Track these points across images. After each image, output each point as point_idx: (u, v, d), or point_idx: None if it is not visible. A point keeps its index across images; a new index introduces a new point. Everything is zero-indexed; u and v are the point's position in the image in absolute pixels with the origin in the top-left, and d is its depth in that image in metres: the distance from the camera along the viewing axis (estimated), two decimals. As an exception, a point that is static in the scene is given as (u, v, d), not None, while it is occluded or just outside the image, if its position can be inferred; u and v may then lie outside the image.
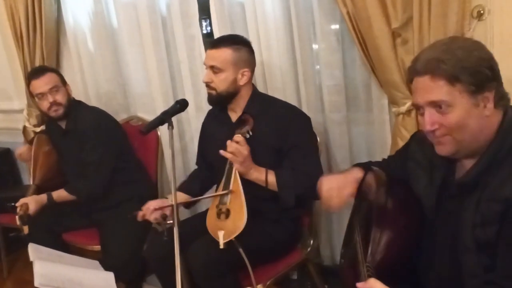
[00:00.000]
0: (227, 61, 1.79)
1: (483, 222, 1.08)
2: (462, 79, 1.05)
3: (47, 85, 2.22)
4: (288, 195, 1.76)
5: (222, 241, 1.61)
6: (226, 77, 1.80)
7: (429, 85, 1.09)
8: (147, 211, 1.84)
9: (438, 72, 1.07)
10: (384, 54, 1.76)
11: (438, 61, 1.07)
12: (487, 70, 1.06)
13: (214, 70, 1.81)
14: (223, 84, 1.81)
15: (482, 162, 1.11)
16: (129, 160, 2.40)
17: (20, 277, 2.81)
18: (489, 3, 1.65)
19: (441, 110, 1.09)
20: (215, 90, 1.83)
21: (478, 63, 1.06)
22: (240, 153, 1.72)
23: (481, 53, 1.08)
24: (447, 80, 1.06)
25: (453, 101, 1.07)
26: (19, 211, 2.09)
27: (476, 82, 1.06)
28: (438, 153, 1.16)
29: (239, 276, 1.71)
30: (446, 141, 1.12)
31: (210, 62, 1.82)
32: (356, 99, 2.11)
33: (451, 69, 1.05)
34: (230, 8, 2.23)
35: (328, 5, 1.98)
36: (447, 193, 1.21)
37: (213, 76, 1.81)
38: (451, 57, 1.06)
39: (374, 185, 1.34)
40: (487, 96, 1.07)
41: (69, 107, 2.28)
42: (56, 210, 2.23)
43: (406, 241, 1.24)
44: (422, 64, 1.10)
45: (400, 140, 1.81)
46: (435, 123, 1.10)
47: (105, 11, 2.62)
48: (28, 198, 2.17)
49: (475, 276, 1.11)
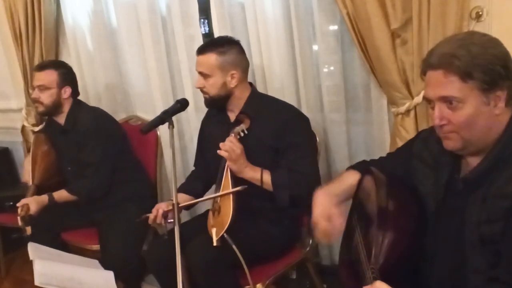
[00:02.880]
0: (213, 66, 1.79)
1: (489, 218, 1.08)
2: (474, 76, 1.05)
3: (38, 81, 2.25)
4: (283, 195, 1.76)
5: (214, 238, 1.63)
6: (215, 82, 1.81)
7: (441, 80, 1.08)
8: (158, 214, 1.84)
9: (451, 68, 1.06)
10: (383, 55, 1.77)
11: (452, 57, 1.06)
12: (501, 68, 1.05)
13: (203, 75, 1.82)
14: (214, 88, 1.82)
15: (488, 160, 1.11)
16: (128, 160, 2.40)
17: (18, 277, 2.80)
18: (487, 4, 1.66)
19: (452, 106, 1.08)
20: (208, 94, 1.85)
21: (492, 61, 1.05)
22: (234, 151, 1.73)
23: (496, 51, 1.06)
24: (459, 76, 1.06)
25: (464, 98, 1.06)
26: (21, 212, 2.09)
27: (489, 80, 1.05)
28: (445, 147, 1.16)
29: (238, 275, 1.72)
30: (452, 137, 1.12)
31: (198, 68, 1.83)
32: (355, 100, 2.11)
33: (464, 65, 1.05)
34: (230, 8, 2.23)
35: (327, 6, 1.99)
36: (453, 190, 1.21)
37: (204, 81, 1.83)
38: (466, 53, 1.05)
39: (372, 188, 1.33)
40: (499, 95, 1.07)
41: (55, 109, 2.28)
42: (55, 209, 2.22)
43: (409, 242, 1.23)
44: (436, 58, 1.09)
45: (399, 140, 1.82)
46: (444, 119, 1.10)
47: (105, 10, 2.62)
48: (29, 199, 2.17)
49: (479, 272, 1.11)
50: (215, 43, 1.83)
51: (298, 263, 1.97)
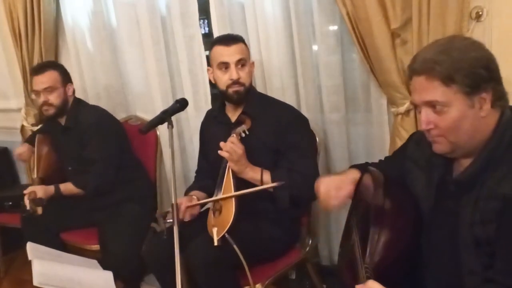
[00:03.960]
0: (246, 54, 1.84)
1: (482, 220, 1.08)
2: (456, 79, 1.06)
3: (43, 84, 2.22)
4: (283, 195, 1.76)
5: (215, 238, 1.63)
6: (250, 71, 1.85)
7: (425, 85, 1.10)
8: (181, 211, 1.77)
9: (433, 73, 1.08)
10: (383, 55, 1.77)
11: (434, 62, 1.07)
12: (483, 70, 1.06)
13: (242, 62, 1.81)
14: (248, 78, 1.84)
15: (478, 161, 1.12)
16: (129, 159, 2.40)
17: (17, 277, 2.79)
18: (487, 4, 1.66)
19: (437, 110, 1.10)
20: (244, 86, 1.82)
21: (473, 64, 1.06)
22: (235, 152, 1.73)
23: (477, 54, 1.07)
24: (441, 81, 1.07)
25: (448, 102, 1.08)
26: (29, 197, 2.07)
27: (471, 83, 1.06)
28: (434, 151, 1.17)
29: (238, 275, 1.71)
30: (440, 141, 1.14)
31: (238, 56, 1.80)
32: (355, 100, 2.11)
33: (445, 70, 1.06)
34: (230, 8, 2.23)
35: (327, 6, 1.99)
36: (445, 192, 1.22)
37: (241, 71, 1.81)
38: (447, 58, 1.06)
39: (372, 186, 1.34)
40: (484, 97, 1.08)
41: (63, 108, 2.27)
42: (54, 209, 2.22)
43: (405, 242, 1.23)
44: (418, 64, 1.11)
45: (398, 140, 1.82)
46: (431, 123, 1.12)
47: (104, 10, 2.62)
48: (36, 186, 2.15)
49: (474, 274, 1.11)
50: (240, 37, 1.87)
51: (297, 263, 1.97)
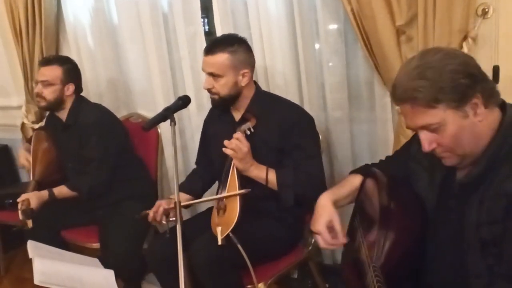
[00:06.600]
0: (225, 66, 1.76)
1: (488, 220, 1.07)
2: (442, 99, 1.04)
3: (42, 76, 2.24)
4: (288, 194, 1.76)
5: (220, 237, 1.61)
6: (227, 82, 1.78)
7: (412, 112, 1.09)
8: (158, 212, 1.82)
9: (416, 102, 1.07)
10: (388, 52, 1.76)
11: (413, 90, 1.06)
12: (465, 79, 1.04)
13: (213, 76, 1.79)
14: (224, 88, 1.79)
15: (483, 162, 1.11)
16: (130, 158, 2.39)
17: (18, 275, 2.78)
18: (494, 1, 1.65)
19: (433, 129, 1.09)
20: (218, 95, 1.81)
21: (453, 78, 1.04)
22: (240, 149, 1.71)
23: (454, 65, 1.05)
24: (427, 106, 1.06)
25: (441, 121, 1.07)
26: (21, 206, 2.07)
27: (457, 96, 1.04)
28: (445, 165, 1.16)
29: (241, 274, 1.70)
30: (447, 156, 1.13)
31: (208, 69, 1.79)
32: (358, 97, 2.10)
33: (428, 95, 1.04)
34: (233, 5, 2.22)
35: (331, 3, 1.98)
36: (449, 193, 1.21)
37: (213, 82, 1.79)
38: (424, 82, 1.04)
39: (376, 190, 1.33)
40: (475, 102, 1.06)
41: (56, 104, 2.27)
42: (55, 207, 2.21)
43: (411, 242, 1.23)
44: (399, 94, 1.10)
45: (403, 138, 1.80)
46: (433, 143, 1.11)
47: (106, 7, 2.60)
48: (29, 194, 2.15)
49: (479, 275, 1.10)
50: (225, 42, 1.78)
51: (300, 263, 1.96)
